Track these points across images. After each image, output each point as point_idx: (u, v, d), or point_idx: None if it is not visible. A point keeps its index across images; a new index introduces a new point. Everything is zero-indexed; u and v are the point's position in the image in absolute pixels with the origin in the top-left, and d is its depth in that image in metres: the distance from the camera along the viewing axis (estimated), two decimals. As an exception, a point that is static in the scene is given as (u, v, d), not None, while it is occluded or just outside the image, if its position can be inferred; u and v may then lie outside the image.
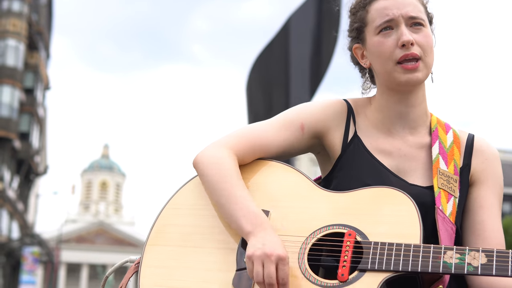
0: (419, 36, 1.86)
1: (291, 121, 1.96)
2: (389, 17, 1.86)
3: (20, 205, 43.74)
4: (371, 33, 1.90)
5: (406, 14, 1.86)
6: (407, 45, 1.83)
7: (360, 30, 1.95)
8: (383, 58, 1.87)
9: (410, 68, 1.84)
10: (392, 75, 1.86)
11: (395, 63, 1.85)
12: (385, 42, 1.86)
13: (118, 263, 1.95)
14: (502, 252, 1.59)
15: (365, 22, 1.92)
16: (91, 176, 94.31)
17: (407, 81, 1.85)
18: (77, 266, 75.83)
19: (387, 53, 1.86)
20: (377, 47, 1.88)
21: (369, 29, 1.91)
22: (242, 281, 1.71)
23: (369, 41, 1.91)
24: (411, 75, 1.85)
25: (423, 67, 1.86)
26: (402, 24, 1.86)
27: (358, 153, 1.91)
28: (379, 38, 1.88)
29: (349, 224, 1.73)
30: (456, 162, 1.90)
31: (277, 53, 7.54)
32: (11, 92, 39.52)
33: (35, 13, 44.74)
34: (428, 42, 1.87)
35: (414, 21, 1.87)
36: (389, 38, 1.86)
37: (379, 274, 1.63)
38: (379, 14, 1.88)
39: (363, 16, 1.93)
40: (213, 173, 1.84)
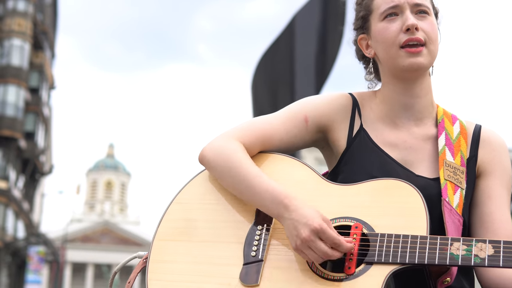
0: (424, 23, 1.86)
1: (295, 113, 1.95)
2: (394, 3, 1.86)
3: (25, 204, 43.84)
4: (376, 20, 1.90)
5: (412, 1, 1.86)
6: (411, 29, 1.83)
7: (365, 19, 1.94)
8: (387, 43, 1.86)
9: (413, 52, 1.83)
10: (396, 60, 1.86)
11: (399, 47, 1.84)
12: (389, 27, 1.86)
13: (126, 258, 1.94)
14: (509, 243, 1.58)
15: (370, 10, 1.92)
16: (96, 175, 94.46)
17: (410, 64, 1.84)
18: (82, 265, 75.97)
19: (391, 38, 1.85)
20: (381, 33, 1.88)
21: (374, 16, 1.91)
22: (250, 275, 1.71)
23: (374, 28, 1.91)
24: (414, 59, 1.83)
25: (426, 53, 1.85)
26: (407, 9, 1.86)
27: (365, 146, 1.90)
28: (384, 23, 1.87)
29: (356, 216, 1.72)
30: (463, 153, 1.89)
31: (282, 52, 7.54)
32: (17, 92, 39.61)
33: (40, 12, 44.83)
34: (433, 30, 1.87)
35: (419, 9, 1.87)
36: (394, 24, 1.86)
37: (386, 266, 1.62)
38: (385, 1, 1.88)
39: (368, 4, 1.93)
40: (224, 163, 1.84)
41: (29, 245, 41.51)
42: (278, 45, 7.52)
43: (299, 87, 7.30)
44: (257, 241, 1.76)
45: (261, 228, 1.79)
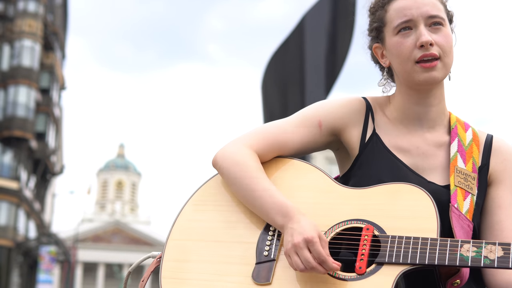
0: (439, 36, 1.86)
1: (309, 118, 1.97)
2: (407, 18, 1.86)
3: (36, 204, 44.05)
4: (390, 33, 1.91)
5: (425, 13, 1.86)
6: (425, 45, 1.83)
7: (379, 30, 1.95)
8: (402, 58, 1.87)
9: (428, 67, 1.84)
10: (411, 74, 1.87)
11: (414, 62, 1.85)
12: (404, 43, 1.86)
13: (140, 258, 1.99)
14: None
15: (384, 22, 1.92)
16: (107, 175, 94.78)
17: (425, 79, 1.85)
18: (93, 265, 76.26)
19: (406, 53, 1.86)
20: (396, 48, 1.88)
21: (388, 29, 1.91)
22: (262, 273, 1.74)
23: (388, 41, 1.91)
24: (429, 73, 1.85)
25: (441, 67, 1.86)
26: (421, 24, 1.86)
27: (377, 150, 1.92)
28: (398, 38, 1.88)
29: (367, 219, 1.75)
30: (475, 160, 1.91)
31: (292, 52, 7.54)
32: (27, 92, 39.79)
33: (51, 13, 45.03)
34: (448, 42, 1.87)
35: (433, 21, 1.86)
36: (408, 39, 1.86)
37: (396, 267, 1.65)
38: (398, 14, 1.88)
39: (382, 16, 1.93)
40: (235, 170, 1.87)
41: (40, 245, 41.70)
42: (288, 45, 7.52)
43: (309, 87, 7.30)
44: (270, 241, 1.80)
45: (274, 229, 1.82)
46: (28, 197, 40.82)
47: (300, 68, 7.42)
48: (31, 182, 42.88)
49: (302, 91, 7.34)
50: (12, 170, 39.07)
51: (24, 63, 39.89)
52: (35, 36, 40.50)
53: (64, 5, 50.58)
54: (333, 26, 7.27)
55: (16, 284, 40.13)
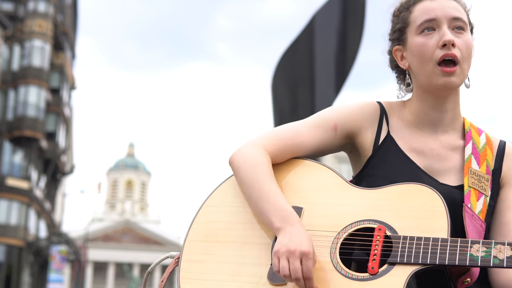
0: (461, 40, 1.89)
1: (324, 121, 2.01)
2: (431, 16, 1.90)
3: (47, 204, 44.24)
4: (412, 33, 1.94)
5: (449, 15, 1.89)
6: (448, 44, 1.86)
7: (402, 31, 1.98)
8: (424, 58, 1.90)
9: (448, 71, 1.87)
10: (431, 76, 1.89)
11: (436, 64, 1.88)
12: (427, 43, 1.89)
13: (159, 258, 2.04)
14: None
15: (408, 22, 1.96)
16: (117, 175, 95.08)
17: (444, 84, 1.88)
18: (103, 264, 76.54)
19: (428, 53, 1.88)
20: (418, 47, 1.91)
21: (411, 29, 1.94)
22: (277, 274, 1.76)
23: (411, 41, 1.94)
24: (448, 78, 1.87)
25: (460, 73, 1.89)
26: (445, 25, 1.89)
27: (391, 152, 1.95)
28: (421, 38, 1.91)
29: (379, 219, 1.78)
30: (489, 163, 1.95)
31: (302, 51, 7.53)
32: (38, 92, 39.96)
33: (61, 13, 45.21)
34: (468, 47, 1.90)
35: (457, 24, 1.90)
36: (431, 39, 1.89)
37: (408, 267, 1.68)
38: (422, 14, 1.92)
39: (406, 17, 1.97)
40: (246, 171, 1.91)
41: (51, 244, 41.88)
42: (298, 44, 7.52)
43: (319, 86, 7.29)
44: None
45: None
46: (38, 197, 41.00)
47: (310, 67, 7.42)
48: (42, 182, 43.07)
49: (312, 90, 7.34)
50: (22, 170, 39.27)
51: (34, 63, 40.06)
52: (45, 36, 40.67)
53: (74, 5, 50.77)
54: (343, 25, 7.27)
55: (27, 283, 40.32)
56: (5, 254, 37.73)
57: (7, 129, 38.63)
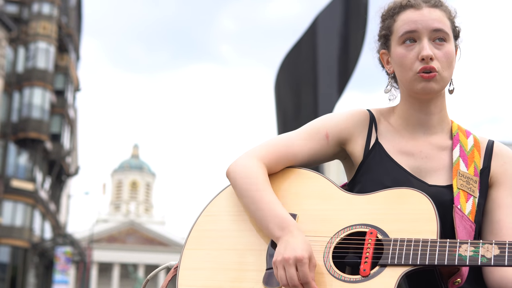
0: (440, 52, 1.94)
1: (316, 130, 2.08)
2: (412, 28, 1.95)
3: (52, 205, 44.32)
4: (395, 42, 1.99)
5: (431, 27, 1.94)
6: (426, 59, 1.91)
7: (387, 38, 2.04)
8: (404, 68, 1.96)
9: (427, 78, 1.92)
10: (411, 83, 1.96)
11: (415, 73, 1.94)
12: (407, 55, 1.95)
13: (160, 267, 2.12)
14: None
15: (391, 31, 2.01)
16: (122, 176, 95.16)
17: (423, 88, 1.94)
18: (108, 265, 76.61)
19: (408, 64, 1.95)
20: (399, 58, 1.97)
21: (394, 37, 2.00)
22: (271, 279, 1.82)
23: (393, 50, 2.00)
24: (427, 83, 1.93)
25: (439, 79, 1.94)
26: (425, 37, 1.94)
27: (379, 158, 2.01)
28: (402, 50, 1.97)
29: (371, 223, 1.83)
30: (477, 164, 1.99)
31: (305, 52, 7.57)
32: (42, 94, 40.05)
33: (65, 15, 45.28)
34: (448, 58, 1.95)
35: (437, 36, 1.94)
36: (412, 51, 1.95)
37: (398, 268, 1.72)
38: (404, 25, 1.97)
39: (390, 25, 2.02)
40: (243, 182, 1.97)
41: (56, 245, 41.95)
42: (300, 46, 7.55)
43: (322, 88, 7.33)
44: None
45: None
46: (43, 198, 41.09)
47: (313, 69, 7.45)
48: (47, 183, 43.15)
49: (315, 92, 7.37)
50: (27, 172, 39.36)
51: (39, 65, 40.16)
52: (49, 38, 40.76)
53: (78, 7, 50.87)
54: (346, 27, 7.30)
55: (32, 284, 40.40)
56: (10, 256, 37.82)
57: (12, 131, 38.73)
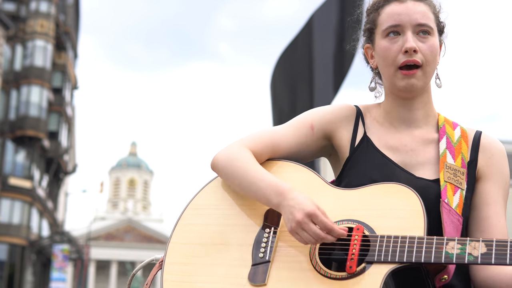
0: (425, 45, 1.92)
1: (302, 122, 2.06)
2: (396, 22, 1.93)
3: (49, 203, 44.27)
4: (379, 36, 1.98)
5: (414, 21, 1.92)
6: (410, 51, 1.90)
7: (371, 32, 2.02)
8: (387, 62, 1.95)
9: (407, 74, 1.91)
10: (393, 79, 1.95)
11: (397, 68, 1.93)
12: (390, 47, 1.93)
13: (143, 262, 2.08)
14: (501, 241, 1.65)
15: (376, 24, 2.00)
16: (119, 174, 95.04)
17: (405, 86, 1.93)
18: (106, 263, 76.50)
19: (391, 58, 1.93)
20: (383, 51, 1.96)
21: (378, 31, 1.99)
22: (258, 275, 1.80)
23: (377, 44, 1.99)
24: (409, 80, 1.92)
25: (421, 75, 1.93)
26: (409, 31, 1.92)
27: (367, 151, 1.99)
28: (386, 42, 1.95)
29: (357, 219, 1.81)
30: (464, 156, 1.96)
31: (301, 50, 7.58)
32: (40, 92, 39.99)
33: (62, 13, 45.22)
34: (432, 51, 1.93)
35: (422, 29, 1.93)
36: (395, 44, 1.93)
37: (385, 265, 1.70)
38: (388, 18, 1.95)
39: (374, 18, 2.00)
40: (232, 164, 1.95)
41: (53, 243, 41.88)
42: (296, 43, 7.56)
43: (318, 85, 7.34)
44: (265, 243, 1.86)
45: (269, 231, 1.88)
46: (41, 196, 41.04)
47: (309, 66, 7.47)
48: (44, 181, 43.10)
49: (311, 89, 7.38)
50: (25, 169, 39.31)
51: (36, 63, 40.08)
52: (47, 36, 40.69)
53: (75, 5, 50.78)
54: (341, 25, 7.31)
55: (30, 282, 40.37)
56: (7, 253, 37.77)
57: (10, 128, 38.67)
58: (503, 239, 1.66)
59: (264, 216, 1.92)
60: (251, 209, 1.94)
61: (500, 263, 1.63)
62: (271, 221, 1.90)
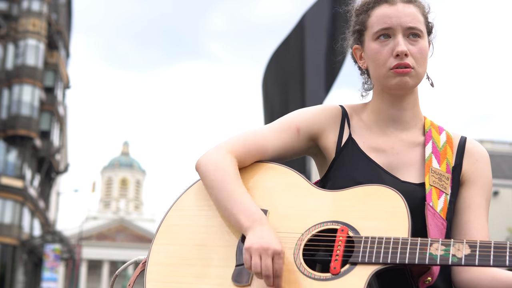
0: (415, 47, 1.92)
1: (287, 124, 2.04)
2: (387, 25, 1.92)
3: (41, 203, 44.16)
4: (369, 38, 1.97)
5: (404, 24, 1.92)
6: (401, 55, 1.89)
7: (361, 33, 2.01)
8: (378, 64, 1.94)
9: (401, 72, 1.91)
10: (385, 79, 1.94)
11: (389, 69, 1.92)
12: (381, 50, 1.93)
13: (128, 262, 2.10)
14: (485, 243, 1.66)
15: (366, 26, 1.98)
16: (111, 173, 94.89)
17: (397, 84, 1.92)
18: (98, 262, 76.36)
19: (382, 60, 1.92)
20: (373, 54, 1.95)
21: (368, 33, 1.97)
22: (241, 275, 1.79)
23: (367, 46, 1.97)
24: (402, 78, 1.91)
25: (414, 75, 1.93)
26: (400, 34, 1.92)
27: (352, 153, 1.98)
28: (376, 45, 1.94)
29: (342, 220, 1.80)
30: (449, 161, 1.97)
31: (292, 50, 7.58)
32: (32, 91, 39.89)
33: (55, 12, 45.11)
34: (423, 54, 1.94)
35: (412, 32, 1.93)
36: (386, 47, 1.92)
37: (369, 266, 1.70)
38: (378, 21, 1.94)
39: (364, 20, 1.99)
40: (213, 174, 1.93)
41: (45, 243, 41.79)
42: (288, 43, 7.56)
43: (309, 85, 7.34)
44: None
45: None
46: (32, 196, 40.94)
47: (300, 66, 7.47)
48: (36, 181, 42.98)
49: (303, 89, 7.39)
50: (16, 169, 39.21)
51: (28, 62, 39.99)
52: (39, 35, 40.60)
53: (68, 4, 50.66)
54: (333, 25, 7.32)
55: (21, 282, 40.26)
56: (-1, 253, 37.68)
57: (1, 128, 38.56)
58: (487, 240, 1.67)
59: None
60: None
61: (483, 264, 1.64)
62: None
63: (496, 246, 1.65)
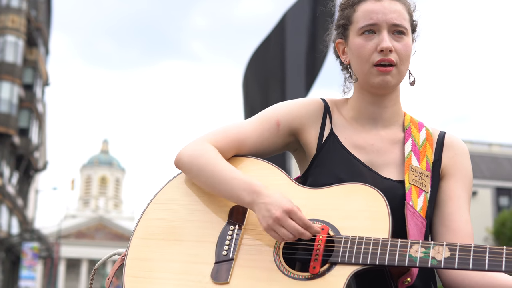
0: (399, 44, 1.93)
1: (267, 117, 2.02)
2: (372, 21, 1.92)
3: (19, 200, 43.79)
4: (354, 33, 1.96)
5: (390, 20, 1.92)
6: (385, 51, 1.90)
7: (345, 28, 2.00)
8: (361, 60, 1.94)
9: (383, 71, 1.91)
10: (368, 76, 1.94)
11: (372, 65, 1.92)
12: (365, 45, 1.93)
13: (107, 255, 2.05)
14: (465, 246, 1.66)
15: (351, 21, 1.98)
16: (91, 171, 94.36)
17: (379, 83, 1.92)
18: (76, 261, 75.94)
19: (366, 55, 1.92)
20: (357, 48, 1.94)
21: (353, 28, 1.97)
22: (220, 273, 1.78)
23: (351, 41, 1.97)
24: (384, 77, 1.91)
25: (396, 73, 1.93)
26: (385, 30, 1.92)
27: (333, 149, 1.97)
28: (361, 40, 1.94)
29: (323, 219, 1.80)
30: (428, 158, 1.97)
31: (273, 49, 7.59)
32: (10, 88, 39.53)
33: (34, 9, 44.72)
34: (407, 51, 1.94)
35: (397, 29, 1.93)
36: (370, 42, 1.92)
37: (348, 267, 1.70)
38: (364, 16, 1.94)
39: (349, 15, 1.98)
40: (198, 162, 1.92)
41: (23, 241, 41.46)
42: (269, 42, 7.57)
43: (290, 84, 7.36)
44: (229, 240, 1.84)
45: (233, 228, 1.86)
46: (11, 193, 40.58)
47: (281, 65, 7.48)
48: (14, 178, 42.62)
49: (283, 88, 7.40)
50: (-6, 166, 38.86)
51: (7, 58, 39.61)
52: (18, 31, 40.22)
53: (47, 1, 50.26)
54: (313, 24, 7.34)
55: (-1, 280, 39.93)
56: (-24, 251, 37.32)
57: (-21, 124, 38.20)
58: (467, 243, 1.67)
59: (229, 213, 1.89)
60: (216, 205, 1.92)
61: (463, 268, 1.64)
62: (236, 218, 1.88)
63: (476, 250, 1.65)
